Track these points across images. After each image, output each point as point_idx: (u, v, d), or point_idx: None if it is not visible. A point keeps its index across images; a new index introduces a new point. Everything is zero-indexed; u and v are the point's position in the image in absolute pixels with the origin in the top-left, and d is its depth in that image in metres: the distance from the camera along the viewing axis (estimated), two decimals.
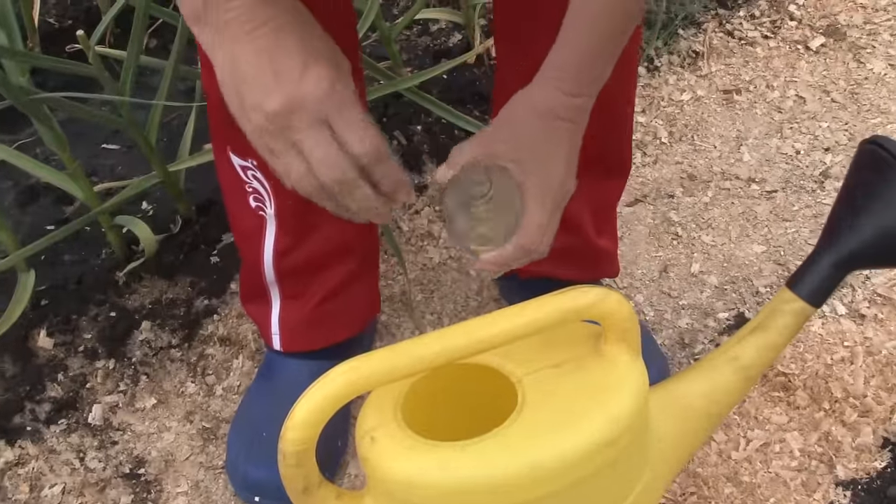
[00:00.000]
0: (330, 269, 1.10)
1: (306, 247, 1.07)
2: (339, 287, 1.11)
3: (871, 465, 1.06)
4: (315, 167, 0.75)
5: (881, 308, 1.21)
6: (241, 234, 1.11)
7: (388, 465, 0.84)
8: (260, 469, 1.06)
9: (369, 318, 1.19)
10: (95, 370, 1.25)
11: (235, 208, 1.08)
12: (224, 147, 1.02)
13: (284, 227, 1.05)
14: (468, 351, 0.84)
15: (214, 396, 1.22)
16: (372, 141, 0.75)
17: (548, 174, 0.83)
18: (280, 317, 1.13)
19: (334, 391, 0.81)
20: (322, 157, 0.74)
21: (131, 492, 1.13)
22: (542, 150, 0.83)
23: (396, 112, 1.55)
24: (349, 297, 1.13)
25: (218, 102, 0.98)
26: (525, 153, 0.83)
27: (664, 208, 1.41)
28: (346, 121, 0.74)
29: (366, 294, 1.17)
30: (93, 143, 1.56)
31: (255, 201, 1.04)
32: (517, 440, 0.83)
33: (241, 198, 1.05)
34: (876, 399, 1.11)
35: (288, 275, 1.10)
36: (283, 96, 0.73)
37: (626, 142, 1.15)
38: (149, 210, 1.44)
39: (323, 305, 1.11)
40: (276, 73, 0.73)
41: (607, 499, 0.87)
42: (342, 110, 0.74)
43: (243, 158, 1.00)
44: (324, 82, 0.73)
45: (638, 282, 1.32)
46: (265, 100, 0.73)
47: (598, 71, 0.84)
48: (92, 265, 1.36)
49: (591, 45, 0.83)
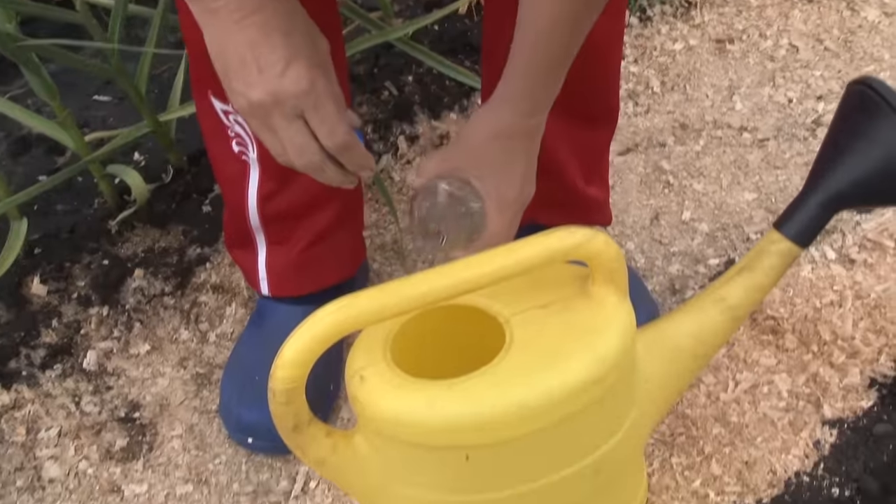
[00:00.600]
0: (314, 214, 1.10)
1: (290, 192, 1.08)
2: (324, 231, 1.12)
3: (857, 405, 1.06)
4: (289, 151, 0.85)
5: (871, 253, 1.22)
6: (224, 180, 1.11)
7: (376, 404, 0.85)
8: (252, 411, 1.07)
9: (356, 263, 1.20)
10: (89, 317, 1.25)
11: (218, 153, 1.08)
12: (205, 91, 1.02)
13: (267, 171, 1.06)
14: (456, 290, 0.84)
15: (208, 343, 1.23)
16: (341, 136, 0.84)
17: (506, 187, 0.90)
18: (267, 262, 1.13)
19: (323, 330, 0.82)
20: (295, 145, 0.84)
21: (126, 435, 1.14)
22: (499, 167, 0.90)
23: (388, 63, 1.55)
24: (335, 242, 1.13)
25: (199, 47, 0.98)
26: (485, 170, 0.90)
27: (656, 157, 1.41)
28: (320, 116, 0.83)
29: (350, 239, 1.17)
30: (84, 95, 1.56)
31: (237, 146, 1.04)
32: (504, 378, 0.83)
33: (224, 143, 1.05)
34: (864, 341, 1.11)
35: (273, 220, 1.10)
36: (265, 91, 0.81)
37: (614, 89, 1.15)
38: (140, 161, 1.45)
39: (309, 250, 1.12)
40: (260, 69, 0.80)
41: (594, 436, 0.88)
42: (317, 107, 0.82)
43: (225, 102, 1.00)
44: (303, 81, 0.81)
45: (629, 229, 1.32)
46: (248, 91, 0.81)
47: (552, 87, 0.89)
48: (84, 214, 1.37)
49: (543, 66, 0.87)
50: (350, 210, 1.15)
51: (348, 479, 0.91)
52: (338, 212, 1.12)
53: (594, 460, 0.88)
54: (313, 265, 1.13)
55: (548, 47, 0.86)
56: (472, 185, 0.90)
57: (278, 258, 1.13)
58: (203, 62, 0.98)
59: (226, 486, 1.09)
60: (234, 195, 1.10)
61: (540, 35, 0.85)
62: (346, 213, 1.14)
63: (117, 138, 1.35)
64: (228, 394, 1.13)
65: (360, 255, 1.21)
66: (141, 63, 1.32)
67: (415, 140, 1.45)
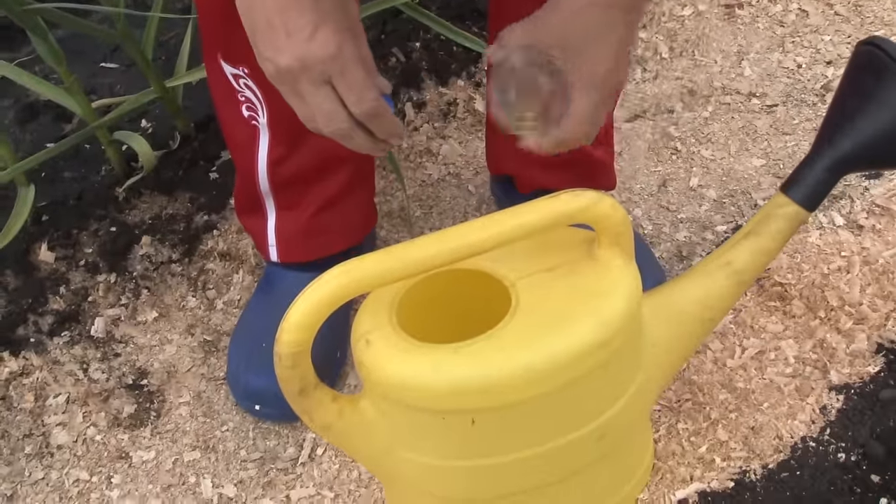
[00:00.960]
0: (324, 179, 1.10)
1: (300, 157, 1.07)
2: (334, 197, 1.11)
3: (864, 370, 1.06)
4: (317, 118, 0.82)
5: (879, 218, 1.21)
6: (234, 145, 1.11)
7: (382, 368, 0.85)
8: (260, 377, 1.07)
9: (366, 229, 1.19)
10: (97, 284, 1.25)
11: (228, 118, 1.08)
12: (215, 55, 1.01)
13: (277, 136, 1.05)
14: (461, 254, 0.84)
15: (215, 310, 1.23)
16: (369, 103, 0.81)
17: (596, 63, 0.81)
18: (276, 227, 1.13)
19: (328, 293, 0.82)
20: (323, 111, 0.81)
21: (134, 402, 1.15)
22: (591, 39, 0.80)
23: (395, 29, 1.54)
24: (345, 208, 1.13)
25: (209, 10, 0.98)
26: (574, 41, 0.81)
27: (664, 123, 1.40)
28: (347, 82, 0.80)
29: (362, 205, 1.17)
30: (91, 62, 1.56)
31: (247, 111, 1.04)
32: (510, 342, 0.83)
33: (234, 107, 1.04)
34: (871, 307, 1.11)
35: (282, 185, 1.10)
36: (292, 56, 0.78)
37: None
38: (148, 127, 1.45)
39: (319, 216, 1.12)
40: (288, 33, 0.78)
41: (600, 401, 0.88)
42: (345, 73, 0.80)
43: (235, 66, 1.00)
44: (331, 46, 0.78)
45: (637, 196, 1.31)
46: (276, 55, 0.79)
47: None
48: (92, 181, 1.37)
49: None
50: (361, 176, 1.15)
51: (354, 444, 0.91)
52: (348, 177, 1.11)
53: (599, 425, 0.88)
54: (323, 231, 1.13)
55: None
56: (552, 59, 0.81)
57: (287, 224, 1.13)
58: (212, 24, 0.98)
59: (233, 452, 1.09)
60: (243, 160, 1.10)
61: None
62: (356, 178, 1.13)
63: (124, 104, 1.34)
64: (236, 361, 1.13)
65: (371, 221, 1.21)
66: (147, 28, 1.32)
67: (422, 107, 1.44)
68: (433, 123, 1.43)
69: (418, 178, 1.36)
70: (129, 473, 1.09)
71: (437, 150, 1.39)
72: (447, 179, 1.36)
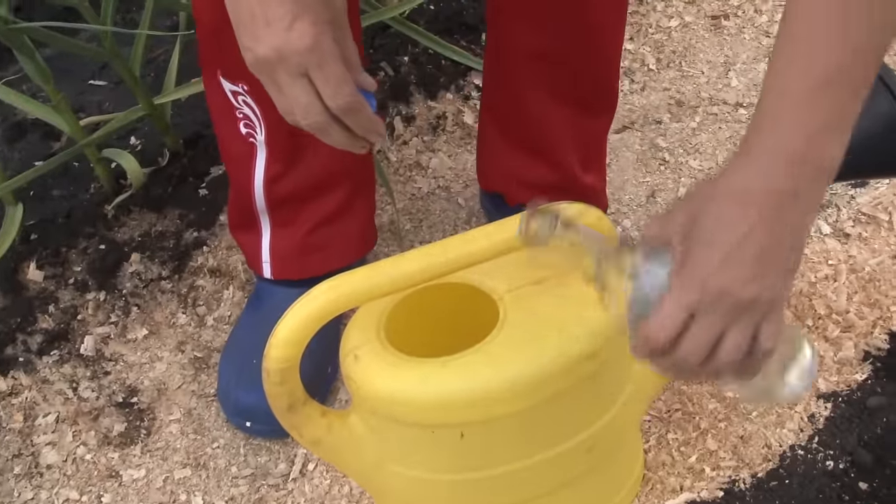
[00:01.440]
0: (321, 197, 1.11)
1: (297, 174, 1.08)
2: (331, 216, 1.12)
3: (851, 378, 1.07)
4: (294, 110, 0.82)
5: (865, 227, 1.22)
6: (230, 161, 1.12)
7: (371, 382, 0.85)
8: (250, 394, 1.08)
9: (364, 249, 1.19)
10: (86, 302, 1.26)
11: (225, 134, 1.08)
12: (214, 71, 1.02)
13: (275, 154, 1.06)
14: (449, 268, 0.85)
15: (205, 327, 1.23)
16: (344, 97, 0.81)
17: (704, 260, 0.68)
18: (271, 244, 1.13)
19: (316, 309, 0.83)
20: (300, 104, 0.81)
21: (125, 420, 1.15)
22: (713, 230, 0.68)
23: (383, 43, 1.55)
24: (342, 227, 1.13)
25: (209, 27, 0.99)
26: (694, 230, 0.69)
27: (652, 134, 1.41)
28: (324, 75, 0.80)
29: (361, 224, 1.17)
30: (79, 80, 1.56)
31: (245, 128, 1.05)
32: (498, 355, 0.84)
33: (231, 124, 1.05)
34: (858, 314, 1.12)
35: (279, 202, 1.10)
36: (270, 46, 0.79)
37: (614, 78, 1.15)
38: (137, 145, 1.45)
39: (314, 233, 1.12)
40: (268, 22, 0.78)
41: (588, 412, 0.89)
42: (322, 65, 0.80)
43: (234, 83, 1.01)
44: (307, 38, 0.79)
45: (626, 207, 1.32)
46: (255, 45, 0.80)
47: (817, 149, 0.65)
48: (80, 199, 1.37)
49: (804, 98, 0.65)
50: (359, 194, 1.15)
51: (344, 459, 0.92)
52: (346, 195, 1.12)
53: (589, 436, 0.89)
54: (318, 248, 1.13)
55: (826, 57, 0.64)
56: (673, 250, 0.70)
57: (282, 241, 1.13)
58: (212, 42, 0.99)
59: (224, 469, 1.09)
60: (239, 176, 1.10)
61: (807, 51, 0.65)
62: (354, 196, 1.14)
63: (112, 122, 1.35)
64: (227, 377, 1.13)
65: (371, 240, 1.21)
66: (135, 46, 1.32)
67: (411, 120, 1.45)
68: (422, 137, 1.43)
69: (408, 192, 1.37)
70: (120, 492, 1.09)
71: (426, 163, 1.40)
72: (437, 193, 1.37)
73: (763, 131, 0.66)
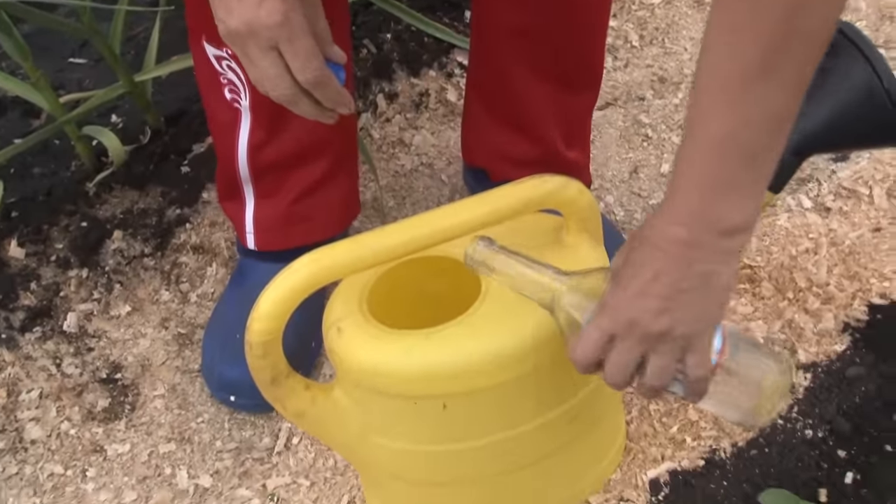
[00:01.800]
0: (305, 165, 1.12)
1: (281, 141, 1.09)
2: (316, 184, 1.13)
3: (831, 349, 1.09)
4: (264, 82, 0.87)
5: (846, 201, 1.24)
6: (216, 128, 1.13)
7: (354, 355, 0.86)
8: (234, 368, 1.09)
9: (348, 219, 1.20)
10: (68, 279, 1.26)
11: (211, 101, 1.09)
12: (199, 37, 1.03)
13: (259, 120, 1.07)
14: (431, 240, 0.86)
15: (189, 303, 1.24)
16: (312, 71, 0.86)
17: (620, 293, 0.77)
18: (255, 215, 1.14)
19: (298, 281, 0.84)
20: (269, 76, 0.86)
21: (108, 395, 1.16)
22: (630, 268, 0.77)
23: (366, 20, 1.55)
24: (325, 196, 1.14)
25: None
26: (619, 270, 0.79)
27: (635, 111, 1.42)
28: (293, 50, 0.84)
29: (344, 193, 1.18)
30: (59, 57, 1.56)
31: (230, 93, 1.06)
32: (480, 327, 0.85)
33: (216, 89, 1.06)
34: (838, 287, 1.14)
35: (262, 171, 1.11)
36: (241, 20, 0.83)
37: (599, 55, 1.16)
38: (118, 122, 1.45)
39: (299, 202, 1.13)
40: None
41: (570, 383, 0.90)
42: (292, 40, 0.84)
43: (218, 48, 1.02)
44: (276, 14, 0.82)
45: (608, 183, 1.33)
46: (227, 17, 0.84)
47: (710, 207, 0.72)
48: (61, 177, 1.37)
49: (704, 178, 0.72)
50: (343, 163, 1.16)
51: (328, 432, 0.93)
52: (330, 164, 1.13)
53: (571, 407, 0.90)
54: (303, 218, 1.14)
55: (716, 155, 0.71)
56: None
57: (266, 211, 1.14)
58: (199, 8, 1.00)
59: (208, 444, 1.11)
60: (224, 144, 1.11)
61: (713, 137, 0.71)
62: (338, 165, 1.15)
63: (92, 99, 1.35)
64: (210, 353, 1.15)
65: (354, 211, 1.22)
66: (114, 21, 1.32)
67: (394, 98, 1.45)
68: (405, 114, 1.44)
69: (391, 169, 1.38)
70: (104, 466, 1.10)
71: (409, 140, 1.41)
72: (420, 170, 1.38)
73: (672, 187, 0.75)
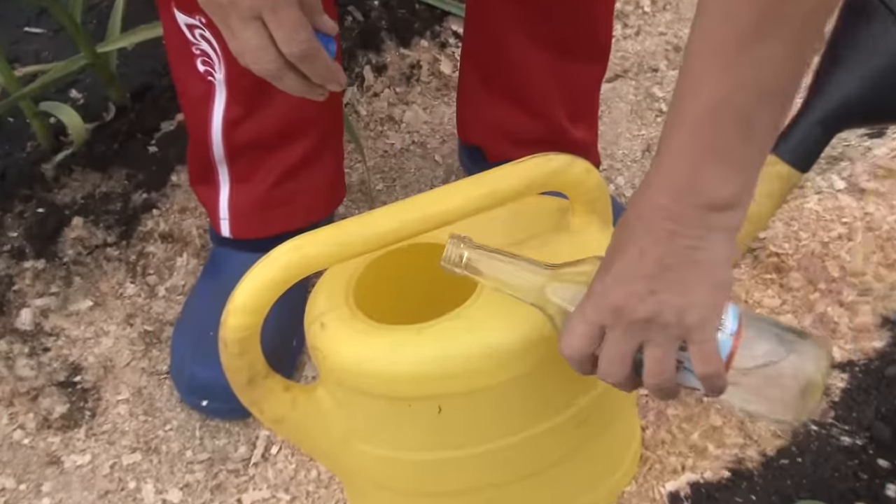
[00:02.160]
0: (287, 145, 1.10)
1: (260, 119, 1.07)
2: (296, 166, 1.11)
3: (869, 346, 1.07)
4: (245, 54, 0.86)
5: (882, 181, 1.22)
6: (188, 103, 1.11)
7: (338, 352, 0.85)
8: (206, 369, 1.07)
9: (333, 204, 1.19)
10: (23, 271, 1.25)
11: (182, 73, 1.08)
12: (169, 3, 1.01)
13: (235, 95, 1.05)
14: (423, 227, 0.84)
15: (156, 297, 1.23)
16: (299, 43, 0.84)
17: (601, 277, 0.77)
18: (230, 199, 1.13)
19: (277, 272, 0.82)
20: (252, 48, 0.85)
21: (67, 400, 1.14)
22: (611, 252, 0.77)
23: None
24: (308, 179, 1.13)
25: None
26: (604, 257, 0.79)
27: (647, 83, 1.42)
28: (278, 20, 0.83)
29: (329, 175, 1.16)
30: (14, 27, 1.55)
31: (203, 65, 1.04)
32: (478, 321, 0.84)
33: (188, 61, 1.04)
34: (876, 276, 1.12)
35: (239, 151, 1.09)
36: None
37: (605, 23, 1.15)
38: (79, 98, 1.44)
39: (279, 186, 1.11)
40: None
41: (578, 383, 0.88)
42: (276, 9, 0.83)
43: (190, 15, 1.00)
44: None
45: (619, 163, 1.33)
46: None
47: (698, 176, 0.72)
48: (16, 158, 1.36)
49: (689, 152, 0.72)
50: (327, 142, 1.14)
51: (310, 438, 0.92)
52: (314, 144, 1.11)
53: (579, 410, 0.89)
54: (283, 203, 1.13)
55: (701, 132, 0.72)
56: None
57: (243, 195, 1.13)
58: None
59: (178, 454, 1.09)
60: (197, 121, 1.09)
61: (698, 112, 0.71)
62: (322, 145, 1.13)
63: (51, 72, 1.34)
64: (180, 352, 1.13)
65: (339, 194, 1.21)
66: None
67: (383, 70, 1.44)
68: (395, 88, 1.43)
69: (379, 148, 1.37)
70: (61, 480, 1.08)
71: (399, 117, 1.40)
72: (411, 149, 1.37)
73: (659, 156, 0.74)
